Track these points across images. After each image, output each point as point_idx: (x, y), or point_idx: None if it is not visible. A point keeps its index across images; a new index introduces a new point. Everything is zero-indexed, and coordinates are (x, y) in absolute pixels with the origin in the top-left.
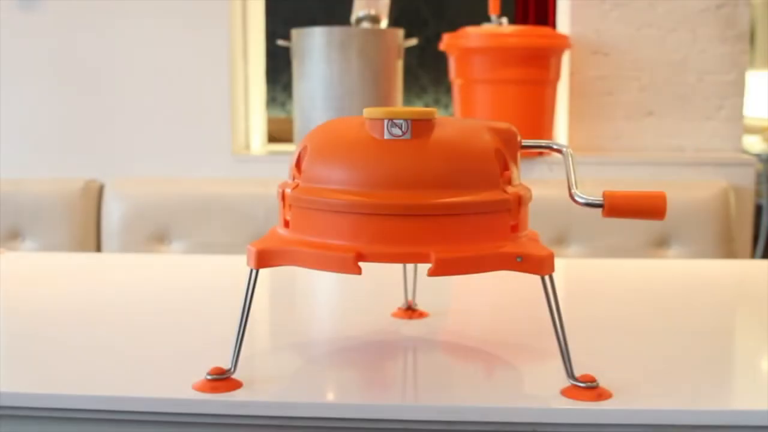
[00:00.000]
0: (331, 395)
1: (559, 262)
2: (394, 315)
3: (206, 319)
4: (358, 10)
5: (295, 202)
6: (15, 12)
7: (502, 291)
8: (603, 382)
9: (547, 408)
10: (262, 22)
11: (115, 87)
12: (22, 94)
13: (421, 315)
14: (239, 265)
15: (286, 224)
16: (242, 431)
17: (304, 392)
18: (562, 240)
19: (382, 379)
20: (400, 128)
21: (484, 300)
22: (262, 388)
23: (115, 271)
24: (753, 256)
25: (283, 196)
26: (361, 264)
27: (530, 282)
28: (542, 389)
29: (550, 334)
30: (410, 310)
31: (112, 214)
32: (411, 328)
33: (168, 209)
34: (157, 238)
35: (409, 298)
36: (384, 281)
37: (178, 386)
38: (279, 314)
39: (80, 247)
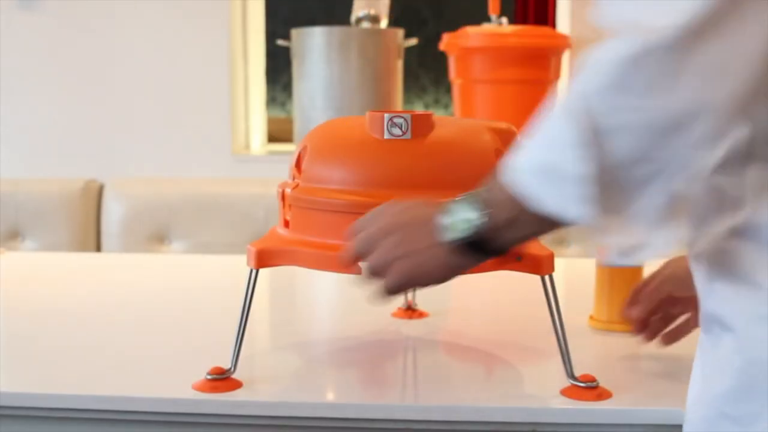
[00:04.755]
0: (331, 395)
1: (559, 262)
2: (394, 315)
3: (206, 319)
4: (358, 10)
5: (295, 202)
6: (15, 12)
7: (501, 291)
8: (603, 382)
9: (547, 408)
10: (262, 22)
11: (115, 87)
12: (22, 94)
13: (421, 315)
14: (239, 265)
15: (286, 224)
16: (242, 431)
17: (304, 392)
18: (562, 240)
19: (382, 379)
20: (400, 128)
21: (484, 300)
22: (262, 388)
23: (115, 271)
24: None
25: (283, 196)
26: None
27: (530, 282)
28: (542, 389)
29: (550, 334)
30: (410, 310)
31: (112, 214)
32: (411, 328)
33: (168, 209)
34: (157, 238)
35: (409, 298)
36: None
37: (178, 386)
38: (279, 314)
39: (80, 247)
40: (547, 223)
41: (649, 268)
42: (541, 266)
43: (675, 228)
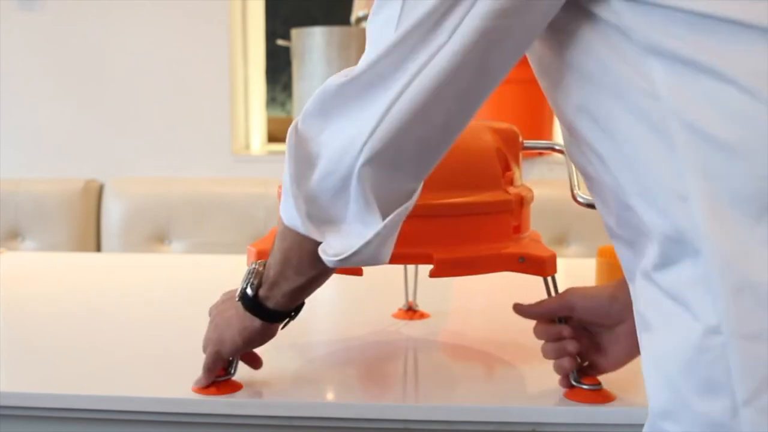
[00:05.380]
0: (331, 395)
1: (558, 262)
2: (395, 316)
3: (206, 319)
4: (358, 10)
5: None
6: (15, 12)
7: (502, 291)
8: (603, 383)
9: (547, 408)
10: (262, 22)
11: (115, 87)
12: (22, 94)
13: (422, 316)
14: (239, 265)
15: None
16: (242, 431)
17: (304, 392)
18: (562, 240)
19: (382, 379)
20: None
21: (485, 300)
22: (263, 389)
23: (115, 271)
24: None
25: None
26: None
27: (531, 282)
28: (542, 389)
29: None
30: (411, 311)
31: (112, 214)
32: (411, 328)
33: (168, 209)
34: (157, 238)
35: (410, 299)
36: (385, 282)
37: (178, 386)
38: None
39: (80, 247)
40: (311, 273)
41: None
42: (544, 267)
43: (385, 230)
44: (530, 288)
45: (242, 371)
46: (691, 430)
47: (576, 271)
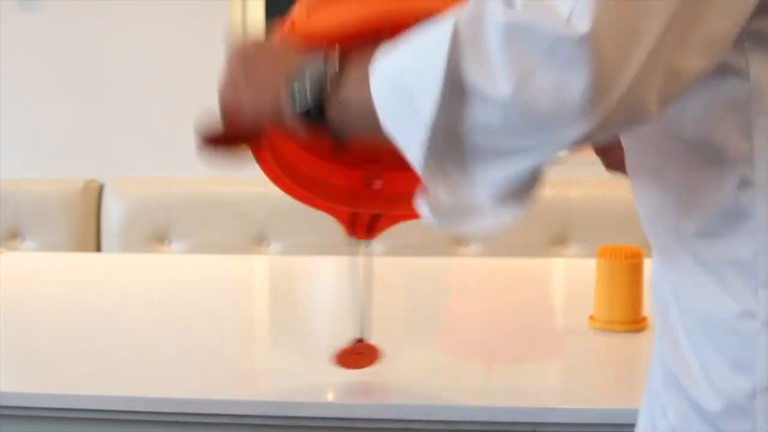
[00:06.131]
0: (331, 395)
1: (558, 262)
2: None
3: (206, 318)
4: None
5: None
6: (15, 12)
7: (501, 291)
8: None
9: (547, 408)
10: (262, 22)
11: (115, 87)
12: (22, 94)
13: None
14: (239, 265)
15: None
16: (242, 431)
17: (304, 392)
18: (562, 240)
19: (382, 380)
20: None
21: (484, 300)
22: (263, 388)
23: (115, 271)
24: None
25: None
26: None
27: (529, 283)
28: (542, 389)
29: (550, 334)
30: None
31: (112, 214)
32: (411, 328)
33: (168, 209)
34: (157, 238)
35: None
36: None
37: (178, 386)
38: (279, 314)
39: (80, 247)
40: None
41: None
42: None
43: (517, 206)
44: (528, 288)
45: (243, 370)
46: (713, 406)
47: (576, 271)
